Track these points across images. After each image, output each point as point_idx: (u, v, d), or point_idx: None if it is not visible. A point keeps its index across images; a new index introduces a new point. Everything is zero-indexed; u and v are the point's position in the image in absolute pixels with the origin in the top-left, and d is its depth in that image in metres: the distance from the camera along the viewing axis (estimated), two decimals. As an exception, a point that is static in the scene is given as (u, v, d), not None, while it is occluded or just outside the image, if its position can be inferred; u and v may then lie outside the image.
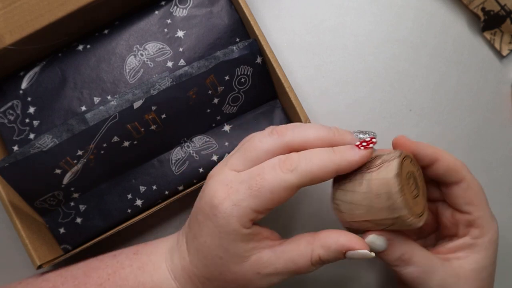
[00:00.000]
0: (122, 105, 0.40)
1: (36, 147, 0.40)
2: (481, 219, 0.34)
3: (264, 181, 0.31)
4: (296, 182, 0.31)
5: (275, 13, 0.48)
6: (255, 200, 0.31)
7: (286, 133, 0.32)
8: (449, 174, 0.34)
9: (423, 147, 0.33)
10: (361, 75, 0.48)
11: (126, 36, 0.44)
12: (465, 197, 0.34)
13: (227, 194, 0.32)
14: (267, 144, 0.32)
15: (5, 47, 0.40)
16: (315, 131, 0.32)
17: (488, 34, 0.47)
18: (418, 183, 0.33)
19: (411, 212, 0.30)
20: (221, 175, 0.33)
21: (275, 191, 0.31)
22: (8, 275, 0.46)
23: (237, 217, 0.31)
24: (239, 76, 0.42)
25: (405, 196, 0.30)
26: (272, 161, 0.32)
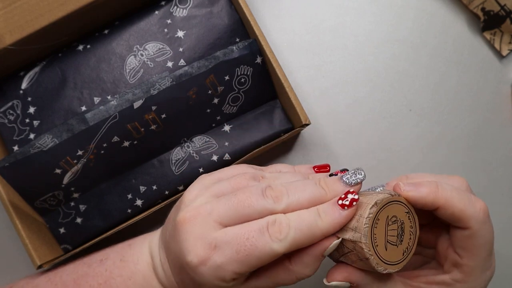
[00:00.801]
0: (122, 105, 0.40)
1: (36, 147, 0.40)
2: (469, 267, 0.32)
3: (253, 248, 0.29)
4: (283, 251, 0.30)
5: (275, 13, 0.48)
6: (239, 265, 0.30)
7: (281, 200, 0.31)
8: (453, 221, 0.31)
9: (422, 196, 0.31)
10: (361, 75, 0.47)
11: (126, 36, 0.44)
12: (464, 244, 0.32)
13: (209, 255, 0.30)
14: (262, 207, 0.31)
15: (5, 47, 0.40)
16: (309, 195, 0.31)
17: (488, 34, 0.47)
18: (405, 235, 0.31)
19: (375, 252, 0.30)
20: (202, 229, 0.31)
21: (262, 258, 0.30)
22: (8, 275, 0.46)
23: (218, 278, 0.30)
24: (239, 76, 0.42)
25: (375, 230, 0.30)
26: (261, 223, 0.30)
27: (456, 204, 0.31)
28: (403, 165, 0.47)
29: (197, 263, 0.30)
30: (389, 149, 0.47)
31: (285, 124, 0.44)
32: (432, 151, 0.47)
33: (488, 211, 0.32)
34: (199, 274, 0.31)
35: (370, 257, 0.30)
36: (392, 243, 0.31)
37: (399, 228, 0.31)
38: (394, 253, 0.31)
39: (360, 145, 0.47)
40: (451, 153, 0.47)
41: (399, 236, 0.31)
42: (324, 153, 0.47)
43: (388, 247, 0.31)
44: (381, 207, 0.30)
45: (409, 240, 0.32)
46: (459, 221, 0.31)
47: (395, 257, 0.31)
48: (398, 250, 0.31)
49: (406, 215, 0.31)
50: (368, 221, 0.30)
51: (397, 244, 0.31)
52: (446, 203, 0.31)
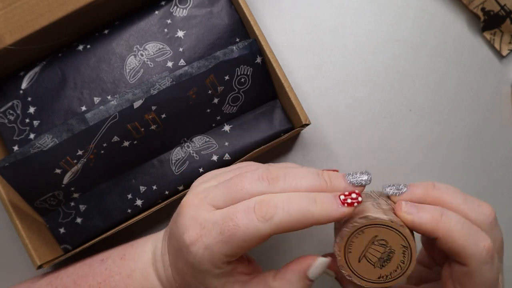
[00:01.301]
0: (122, 104, 0.40)
1: (36, 147, 0.40)
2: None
3: (237, 228, 0.29)
4: (269, 233, 0.29)
5: (275, 13, 0.48)
6: (226, 246, 0.29)
7: (277, 182, 0.30)
8: (452, 255, 0.30)
9: (421, 223, 0.29)
10: (361, 75, 0.47)
11: (126, 36, 0.44)
12: (461, 280, 0.30)
13: (199, 235, 0.30)
14: (255, 189, 0.30)
15: (5, 47, 0.40)
16: (307, 182, 0.30)
17: (488, 34, 0.47)
18: (391, 262, 0.30)
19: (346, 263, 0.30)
20: (197, 210, 0.31)
21: (247, 239, 0.29)
22: (8, 275, 0.46)
23: (209, 260, 0.30)
24: (239, 76, 0.42)
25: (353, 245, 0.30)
26: (247, 204, 0.29)
27: (457, 238, 0.29)
28: (403, 165, 0.47)
29: (189, 243, 0.30)
30: (389, 149, 0.47)
31: (285, 124, 0.44)
32: (432, 151, 0.47)
33: (494, 252, 0.29)
34: (192, 255, 0.30)
35: (338, 257, 0.30)
36: (369, 261, 0.30)
37: (384, 253, 0.30)
38: (367, 269, 0.30)
39: (360, 145, 0.47)
40: (451, 153, 0.47)
41: (381, 260, 0.30)
42: (324, 153, 0.47)
43: (363, 261, 0.30)
44: (371, 224, 0.29)
45: (394, 271, 0.30)
46: (457, 256, 0.29)
47: (366, 274, 0.30)
48: (374, 271, 0.30)
49: (401, 248, 0.30)
50: (350, 227, 0.29)
51: (375, 265, 0.30)
52: (446, 236, 0.29)
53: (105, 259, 0.38)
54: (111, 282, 0.36)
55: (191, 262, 0.31)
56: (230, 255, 0.30)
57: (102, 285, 0.36)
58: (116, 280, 0.36)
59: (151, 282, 0.36)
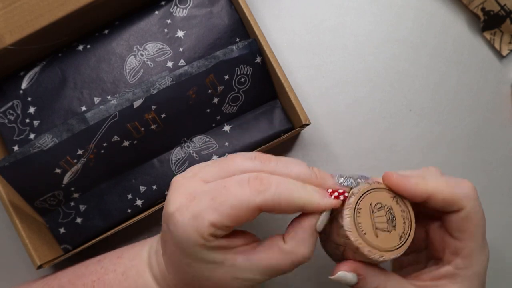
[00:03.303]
0: (122, 104, 0.40)
1: (36, 147, 0.40)
2: (469, 249, 0.32)
3: (228, 194, 0.29)
4: (260, 204, 0.29)
5: (275, 13, 0.48)
6: (214, 213, 0.29)
7: (269, 163, 0.31)
8: (446, 206, 0.32)
9: (412, 186, 0.31)
10: (361, 75, 0.48)
11: (126, 36, 0.44)
12: (460, 225, 0.32)
13: (188, 202, 0.30)
14: (246, 165, 0.31)
15: (5, 47, 0.40)
16: (298, 169, 0.31)
17: (488, 34, 0.47)
18: (396, 220, 0.31)
19: (365, 240, 0.30)
20: (188, 183, 0.31)
21: (236, 208, 0.29)
22: (8, 275, 0.46)
23: (196, 230, 0.30)
24: (238, 75, 0.42)
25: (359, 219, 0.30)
26: (242, 176, 0.30)
27: (445, 189, 0.31)
28: (403, 165, 0.47)
29: (174, 211, 0.30)
30: (389, 149, 0.47)
31: (285, 124, 0.44)
32: (432, 151, 0.47)
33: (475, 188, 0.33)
34: (177, 224, 0.30)
35: (359, 245, 0.30)
36: (383, 230, 0.31)
37: (387, 214, 0.31)
38: (388, 239, 0.31)
39: (360, 145, 0.47)
40: (451, 153, 0.47)
41: (389, 221, 0.31)
42: (324, 153, 0.47)
43: (379, 234, 0.30)
44: (360, 196, 0.30)
45: (404, 224, 0.31)
46: (451, 205, 0.31)
47: (391, 243, 0.31)
48: (393, 235, 0.31)
49: (393, 200, 0.31)
50: (348, 212, 0.30)
51: (389, 230, 0.31)
52: (436, 191, 0.31)
53: (102, 259, 0.38)
54: (105, 280, 0.36)
55: (178, 235, 0.30)
56: (218, 224, 0.29)
57: (96, 283, 0.36)
58: (111, 278, 0.36)
59: (145, 279, 0.36)
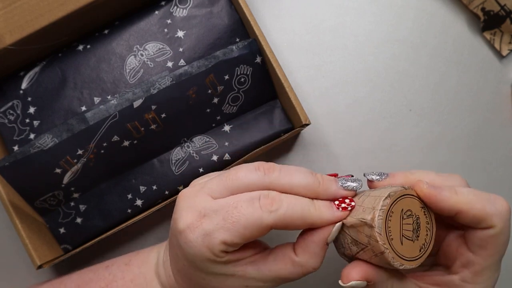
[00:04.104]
0: (122, 104, 0.40)
1: (36, 147, 0.40)
2: (482, 266, 0.31)
3: (240, 215, 0.30)
4: (271, 224, 0.30)
5: (275, 13, 0.48)
6: (226, 233, 0.30)
7: (272, 173, 0.31)
8: (475, 223, 0.30)
9: (443, 200, 0.30)
10: (361, 75, 0.48)
11: (126, 36, 0.44)
12: (484, 243, 0.30)
13: (198, 221, 0.30)
14: (250, 178, 0.31)
15: (5, 47, 0.40)
16: (301, 178, 0.31)
17: (488, 34, 0.47)
18: (421, 232, 0.31)
19: (391, 246, 0.29)
20: (195, 199, 0.31)
21: (249, 227, 0.30)
22: (8, 275, 0.46)
23: (207, 248, 0.30)
24: (238, 75, 0.42)
25: (390, 223, 0.30)
26: (252, 195, 0.30)
27: (477, 205, 0.30)
28: (403, 165, 0.47)
29: (185, 228, 0.30)
30: (389, 149, 0.47)
31: (285, 124, 0.44)
32: (432, 151, 0.47)
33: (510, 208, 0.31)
34: (189, 243, 0.30)
35: (386, 250, 0.29)
36: (408, 238, 0.30)
37: (414, 223, 0.31)
38: (410, 248, 0.30)
39: (360, 145, 0.47)
40: (451, 153, 0.47)
41: (414, 231, 0.31)
42: (324, 153, 0.47)
43: (404, 241, 0.30)
44: (395, 199, 0.30)
45: (426, 236, 0.31)
46: (481, 222, 0.30)
47: (412, 253, 0.30)
48: (415, 246, 0.31)
49: (421, 210, 0.31)
50: (382, 213, 0.29)
51: (413, 239, 0.30)
52: (467, 207, 0.30)
53: (110, 266, 0.38)
54: (113, 287, 0.36)
55: (189, 252, 0.31)
56: (229, 243, 0.30)
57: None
58: (119, 285, 0.36)
59: (153, 286, 0.36)
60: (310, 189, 0.31)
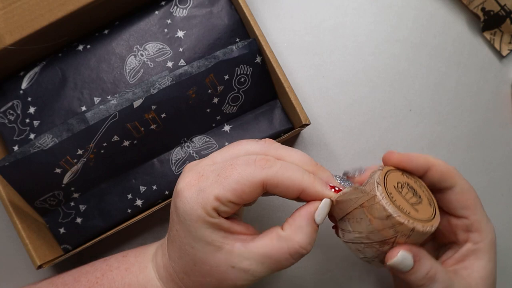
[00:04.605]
0: (122, 104, 0.40)
1: (36, 147, 0.40)
2: (478, 222, 0.34)
3: (233, 170, 0.31)
4: (263, 179, 0.30)
5: (275, 13, 0.48)
6: (219, 187, 0.30)
7: (273, 145, 0.33)
8: (443, 179, 0.34)
9: (414, 158, 0.33)
10: (361, 75, 0.48)
11: (126, 36, 0.44)
12: (460, 201, 0.34)
13: (196, 180, 0.32)
14: (251, 147, 0.33)
15: (5, 47, 0.40)
16: (301, 156, 0.33)
17: (488, 34, 0.47)
18: (418, 192, 0.32)
19: (413, 218, 0.30)
20: (198, 164, 0.33)
21: (241, 182, 0.30)
22: (8, 275, 0.46)
23: (200, 204, 0.31)
24: (238, 75, 0.42)
25: (396, 202, 0.30)
26: (250, 156, 0.32)
27: (440, 163, 0.34)
28: (403, 165, 0.47)
29: (183, 187, 0.32)
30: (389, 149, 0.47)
31: (285, 124, 0.44)
32: (432, 151, 0.47)
33: None
34: (184, 199, 0.31)
35: (414, 225, 0.30)
36: (416, 204, 0.31)
37: (409, 189, 0.32)
38: (424, 209, 0.32)
39: (360, 145, 0.47)
40: (451, 153, 0.47)
41: (415, 195, 0.32)
42: (324, 153, 0.47)
43: (417, 208, 0.31)
44: (383, 182, 0.31)
45: (423, 192, 0.33)
46: (449, 178, 0.34)
47: (428, 212, 0.32)
48: (425, 205, 0.32)
49: (403, 176, 0.33)
50: (387, 200, 0.30)
51: (420, 201, 0.32)
52: (435, 164, 0.33)
53: (108, 259, 0.39)
54: (108, 276, 0.36)
55: (184, 209, 0.31)
56: (221, 198, 0.30)
57: (100, 279, 0.36)
58: (114, 274, 0.36)
59: (147, 274, 0.36)
60: (307, 166, 0.32)
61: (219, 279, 0.32)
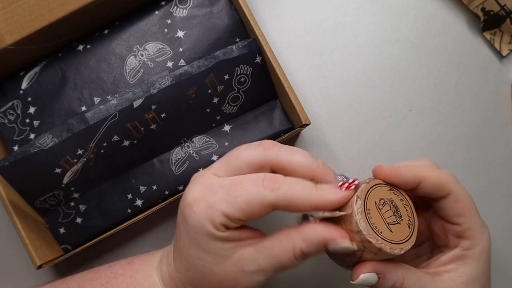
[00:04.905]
0: (122, 104, 0.40)
1: (36, 147, 0.40)
2: (471, 230, 0.34)
3: (243, 191, 0.31)
4: (273, 201, 0.30)
5: (275, 13, 0.48)
6: (228, 206, 0.31)
7: (272, 148, 0.32)
8: (436, 190, 0.33)
9: (402, 172, 0.33)
10: (361, 75, 0.48)
11: (126, 36, 0.44)
12: (454, 209, 0.34)
13: (204, 194, 0.32)
14: (251, 155, 0.32)
15: (5, 47, 0.40)
16: (301, 157, 0.32)
17: (488, 34, 0.47)
18: (400, 211, 0.32)
19: (383, 238, 0.30)
20: (203, 176, 0.33)
21: (251, 203, 0.30)
22: (8, 275, 0.46)
23: (209, 219, 0.31)
24: (238, 75, 0.42)
25: (372, 220, 0.30)
26: (258, 176, 0.31)
27: (431, 174, 0.33)
28: (403, 165, 0.47)
29: (191, 201, 0.32)
30: (389, 149, 0.47)
31: (285, 124, 0.44)
32: (432, 151, 0.47)
33: None
34: (192, 214, 0.31)
35: (381, 245, 0.30)
36: (393, 223, 0.31)
37: (391, 206, 0.32)
38: (400, 230, 0.31)
39: (360, 145, 0.47)
40: (451, 153, 0.47)
41: (395, 213, 0.32)
42: (324, 153, 0.47)
43: (392, 228, 0.31)
44: (365, 197, 0.31)
45: (407, 212, 0.32)
46: (441, 188, 0.33)
47: (404, 233, 0.31)
48: (403, 226, 0.32)
49: (390, 192, 0.32)
50: (361, 216, 0.30)
51: (398, 221, 0.32)
52: (426, 176, 0.33)
53: (113, 265, 0.39)
54: (113, 283, 0.36)
55: (193, 223, 0.31)
56: (230, 215, 0.31)
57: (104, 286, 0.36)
58: (119, 282, 0.36)
59: (152, 283, 0.36)
60: (309, 170, 0.32)
61: (229, 286, 0.32)
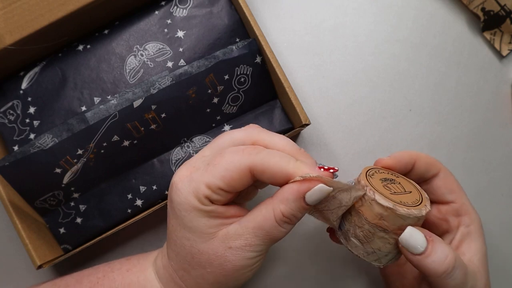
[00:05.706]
0: (122, 104, 0.40)
1: (36, 146, 0.40)
2: (466, 205, 0.36)
3: (222, 159, 0.31)
4: (250, 164, 0.31)
5: (275, 13, 0.48)
6: (208, 175, 0.31)
7: (255, 129, 0.34)
8: (429, 169, 0.36)
9: (400, 156, 0.35)
10: (361, 75, 0.48)
11: (126, 36, 0.44)
12: (447, 186, 0.36)
13: (189, 172, 0.33)
14: (235, 135, 0.33)
15: (5, 47, 0.40)
16: (285, 142, 0.33)
17: (488, 34, 0.47)
18: (401, 183, 0.34)
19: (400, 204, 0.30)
20: (189, 160, 0.34)
21: (229, 168, 0.31)
22: (8, 275, 0.46)
23: (192, 193, 0.32)
24: (238, 75, 0.42)
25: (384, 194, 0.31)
26: (238, 147, 0.32)
27: (423, 155, 0.36)
28: (403, 165, 0.47)
29: (177, 180, 0.33)
30: (389, 149, 0.47)
31: (285, 124, 0.44)
32: (432, 151, 0.47)
33: None
34: (177, 191, 0.32)
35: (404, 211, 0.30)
36: (403, 193, 0.32)
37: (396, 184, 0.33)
38: (413, 197, 0.32)
39: (360, 145, 0.47)
40: (451, 153, 0.47)
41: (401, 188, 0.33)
42: (324, 153, 0.47)
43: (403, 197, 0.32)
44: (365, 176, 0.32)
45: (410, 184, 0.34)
46: (433, 166, 0.36)
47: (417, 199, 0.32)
48: (413, 194, 0.33)
49: (389, 174, 0.34)
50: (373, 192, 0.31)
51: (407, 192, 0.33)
52: (419, 156, 0.36)
53: (112, 262, 0.39)
54: (109, 276, 0.37)
55: (178, 201, 0.32)
56: (212, 185, 0.31)
57: (101, 280, 0.37)
58: (115, 274, 0.37)
59: (147, 275, 0.36)
60: (290, 149, 0.33)
61: (220, 266, 0.32)
